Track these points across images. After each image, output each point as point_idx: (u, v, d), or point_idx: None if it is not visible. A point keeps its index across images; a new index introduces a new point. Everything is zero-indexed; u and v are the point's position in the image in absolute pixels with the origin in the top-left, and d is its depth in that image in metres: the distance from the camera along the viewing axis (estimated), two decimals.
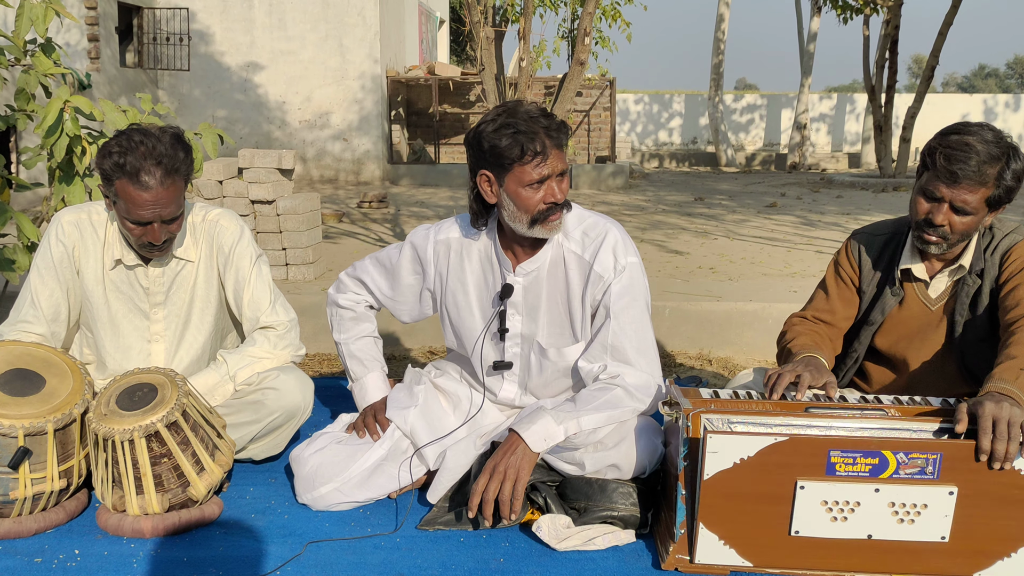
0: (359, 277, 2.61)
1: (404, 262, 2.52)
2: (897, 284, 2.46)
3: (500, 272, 2.40)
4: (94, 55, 11.61)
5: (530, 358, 2.44)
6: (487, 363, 2.47)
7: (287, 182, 5.91)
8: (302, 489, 2.38)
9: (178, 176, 2.36)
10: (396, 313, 2.62)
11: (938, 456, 1.91)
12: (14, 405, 2.17)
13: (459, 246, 2.44)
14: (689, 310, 4.80)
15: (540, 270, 2.37)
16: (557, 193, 2.21)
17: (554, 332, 2.41)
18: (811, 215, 9.85)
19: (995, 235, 2.38)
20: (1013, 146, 2.27)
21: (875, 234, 2.55)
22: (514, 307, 2.40)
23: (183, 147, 2.38)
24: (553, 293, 2.38)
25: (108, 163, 2.30)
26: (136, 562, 2.09)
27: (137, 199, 2.31)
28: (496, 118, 2.20)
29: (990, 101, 24.68)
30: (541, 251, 2.35)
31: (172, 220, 2.40)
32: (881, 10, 12.13)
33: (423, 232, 2.49)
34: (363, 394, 2.59)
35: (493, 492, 2.10)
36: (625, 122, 25.07)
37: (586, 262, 2.33)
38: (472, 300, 2.44)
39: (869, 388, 2.59)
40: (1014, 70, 68.88)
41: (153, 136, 2.34)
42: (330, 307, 2.68)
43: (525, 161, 2.17)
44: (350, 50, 13.76)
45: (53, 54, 3.49)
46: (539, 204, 2.21)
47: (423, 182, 13.88)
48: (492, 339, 2.45)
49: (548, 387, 2.48)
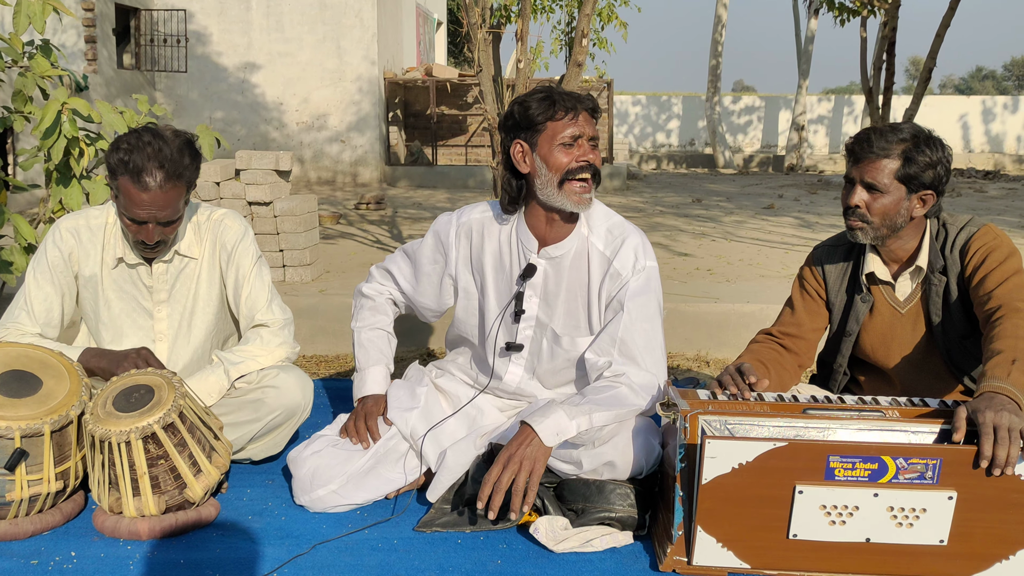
0: (387, 267, 2.66)
1: (425, 249, 2.55)
2: (865, 291, 2.48)
3: (522, 253, 2.42)
4: (91, 57, 11.60)
5: (542, 343, 2.46)
6: (499, 344, 2.49)
7: (284, 184, 5.90)
8: (299, 491, 2.37)
9: (180, 181, 2.38)
10: (419, 307, 2.64)
11: (938, 461, 1.91)
12: (10, 407, 2.17)
13: (481, 227, 2.48)
14: (687, 311, 4.80)
15: (564, 258, 2.40)
16: (589, 153, 2.28)
17: (570, 323, 2.43)
18: (809, 217, 9.86)
19: (949, 231, 2.40)
20: (929, 135, 2.33)
21: (836, 245, 2.59)
22: (533, 289, 2.43)
23: (191, 154, 2.42)
24: (573, 284, 2.41)
25: (114, 158, 2.35)
26: (132, 564, 2.08)
27: (135, 198, 2.35)
28: (528, 93, 2.34)
29: (988, 102, 24.71)
30: (568, 239, 2.39)
31: (168, 223, 2.42)
32: (878, 12, 12.14)
33: (447, 217, 2.54)
34: (361, 385, 2.60)
35: (507, 481, 2.07)
36: (623, 124, 25.07)
37: (607, 258, 2.37)
38: (489, 281, 2.47)
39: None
40: (1011, 72, 69.01)
41: (163, 139, 2.38)
42: (354, 296, 2.73)
43: (557, 118, 2.27)
44: (347, 52, 13.76)
45: (51, 55, 3.48)
46: (571, 163, 2.27)
47: (421, 184, 13.87)
48: (506, 320, 2.47)
49: (556, 375, 2.50)
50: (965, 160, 21.56)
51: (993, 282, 2.26)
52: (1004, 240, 2.32)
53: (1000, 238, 2.33)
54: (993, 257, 2.29)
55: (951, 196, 12.17)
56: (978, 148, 24.22)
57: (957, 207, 10.68)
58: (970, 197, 12.25)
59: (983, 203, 11.39)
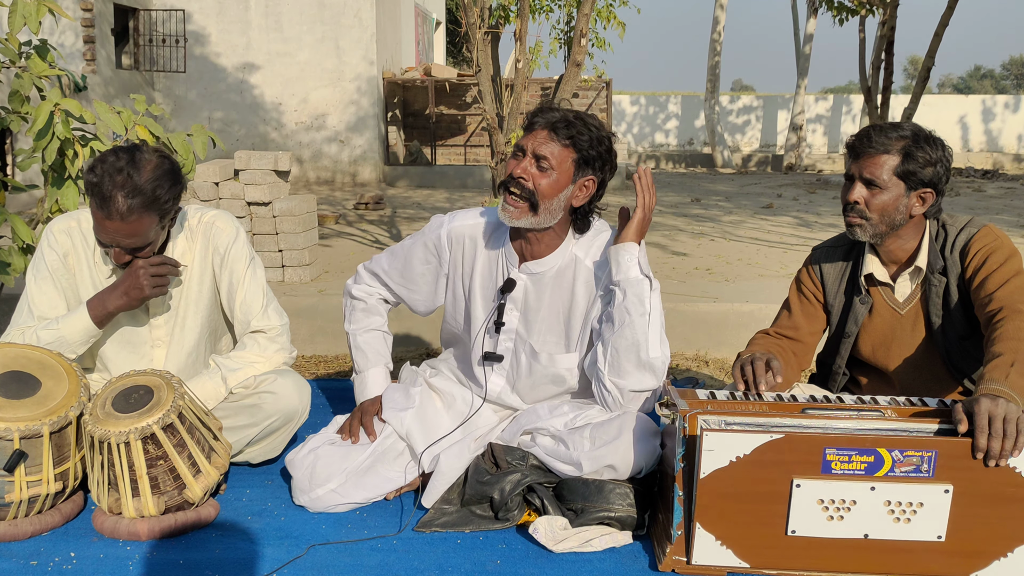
0: (373, 269, 2.66)
1: (416, 250, 2.56)
2: (864, 292, 2.48)
3: (506, 266, 2.43)
4: (89, 57, 11.58)
5: (521, 356, 2.47)
6: (479, 353, 2.50)
7: (283, 184, 5.90)
8: (299, 491, 2.38)
9: (147, 212, 2.31)
10: (411, 303, 2.64)
11: (933, 454, 1.91)
12: (9, 408, 2.17)
13: (474, 234, 2.49)
14: (686, 311, 4.80)
15: (545, 275, 2.40)
16: (523, 169, 2.27)
17: (550, 339, 2.44)
18: (807, 216, 9.86)
19: (949, 232, 2.40)
20: (929, 134, 2.33)
21: (835, 247, 2.58)
22: (513, 303, 2.43)
23: (169, 183, 2.33)
24: (555, 302, 2.41)
25: (87, 177, 2.30)
26: (132, 564, 2.08)
27: (99, 223, 2.32)
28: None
29: (987, 102, 24.71)
30: (550, 256, 2.39)
31: (136, 249, 2.38)
32: (877, 11, 12.14)
33: (438, 221, 2.54)
34: (362, 387, 2.61)
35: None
36: (621, 123, 25.07)
37: (592, 272, 2.38)
38: (476, 289, 2.48)
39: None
40: (1010, 71, 69.03)
41: (138, 166, 2.29)
42: (344, 297, 2.73)
43: (527, 127, 2.32)
44: (346, 52, 13.75)
45: (48, 56, 3.48)
46: (508, 173, 2.31)
47: (420, 183, 13.87)
48: (488, 331, 2.48)
49: (535, 390, 2.51)
50: (964, 159, 21.57)
51: (994, 284, 2.26)
52: (1005, 241, 2.32)
53: (1000, 239, 2.32)
54: (994, 259, 2.29)
55: (950, 195, 12.17)
56: (977, 147, 24.23)
57: (956, 206, 10.69)
58: (969, 196, 12.25)
59: (981, 202, 11.39)
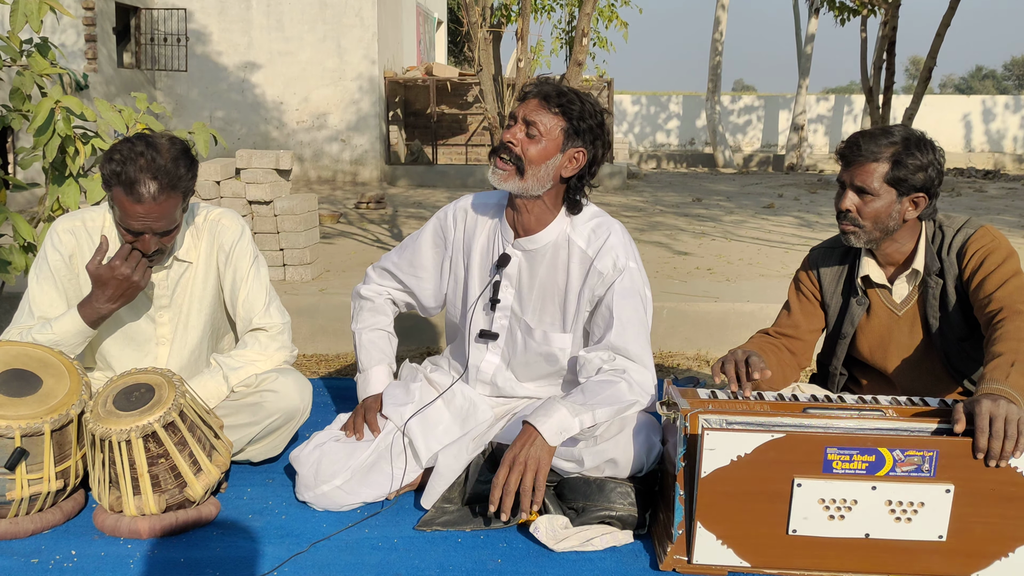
0: (383, 266, 2.70)
1: (426, 234, 2.61)
2: (861, 293, 2.48)
3: (501, 242, 2.47)
4: (91, 55, 11.59)
5: (516, 334, 2.49)
6: (475, 330, 2.52)
7: (284, 183, 5.90)
8: (303, 487, 2.38)
9: (175, 192, 2.34)
10: (420, 296, 2.67)
11: (934, 453, 1.91)
12: (11, 406, 2.17)
13: (476, 212, 2.55)
14: (687, 311, 4.80)
15: (540, 252, 2.42)
16: (512, 134, 2.32)
17: (544, 318, 2.46)
18: (808, 216, 9.85)
19: (945, 234, 2.39)
20: (920, 137, 2.32)
21: (832, 247, 2.59)
22: (508, 279, 2.46)
23: (187, 162, 2.37)
24: (549, 280, 2.44)
25: (108, 168, 2.31)
26: (133, 563, 2.08)
27: (130, 210, 2.32)
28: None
29: (988, 102, 24.70)
30: (543, 232, 2.41)
31: (165, 233, 2.39)
32: (878, 11, 12.12)
33: (446, 205, 2.60)
34: (365, 385, 2.62)
35: (514, 484, 2.11)
36: (622, 123, 25.08)
37: (588, 257, 2.39)
38: (474, 265, 2.51)
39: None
40: (1011, 71, 68.97)
41: (157, 149, 2.33)
42: (353, 298, 2.75)
43: (520, 100, 2.37)
44: (348, 51, 13.75)
45: (49, 54, 3.48)
46: (501, 139, 2.35)
47: (421, 183, 13.87)
48: (484, 308, 2.51)
49: (529, 367, 2.52)
50: (965, 159, 21.56)
51: (993, 285, 2.25)
52: (1002, 241, 2.32)
53: (998, 239, 2.32)
54: (991, 259, 2.29)
55: (951, 196, 12.17)
56: (978, 147, 24.22)
57: (957, 207, 10.68)
58: (970, 197, 12.25)
59: (983, 203, 11.38)
